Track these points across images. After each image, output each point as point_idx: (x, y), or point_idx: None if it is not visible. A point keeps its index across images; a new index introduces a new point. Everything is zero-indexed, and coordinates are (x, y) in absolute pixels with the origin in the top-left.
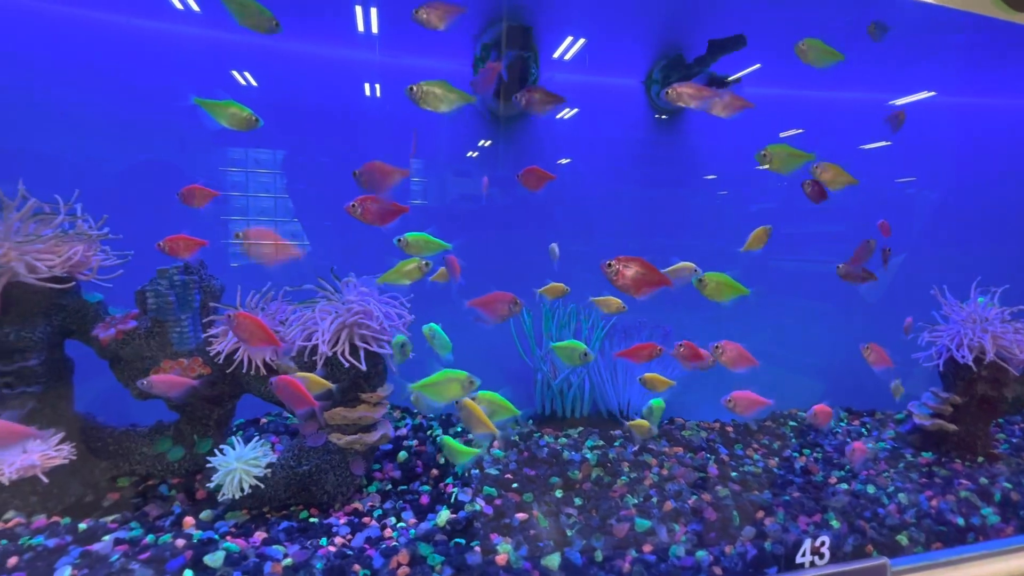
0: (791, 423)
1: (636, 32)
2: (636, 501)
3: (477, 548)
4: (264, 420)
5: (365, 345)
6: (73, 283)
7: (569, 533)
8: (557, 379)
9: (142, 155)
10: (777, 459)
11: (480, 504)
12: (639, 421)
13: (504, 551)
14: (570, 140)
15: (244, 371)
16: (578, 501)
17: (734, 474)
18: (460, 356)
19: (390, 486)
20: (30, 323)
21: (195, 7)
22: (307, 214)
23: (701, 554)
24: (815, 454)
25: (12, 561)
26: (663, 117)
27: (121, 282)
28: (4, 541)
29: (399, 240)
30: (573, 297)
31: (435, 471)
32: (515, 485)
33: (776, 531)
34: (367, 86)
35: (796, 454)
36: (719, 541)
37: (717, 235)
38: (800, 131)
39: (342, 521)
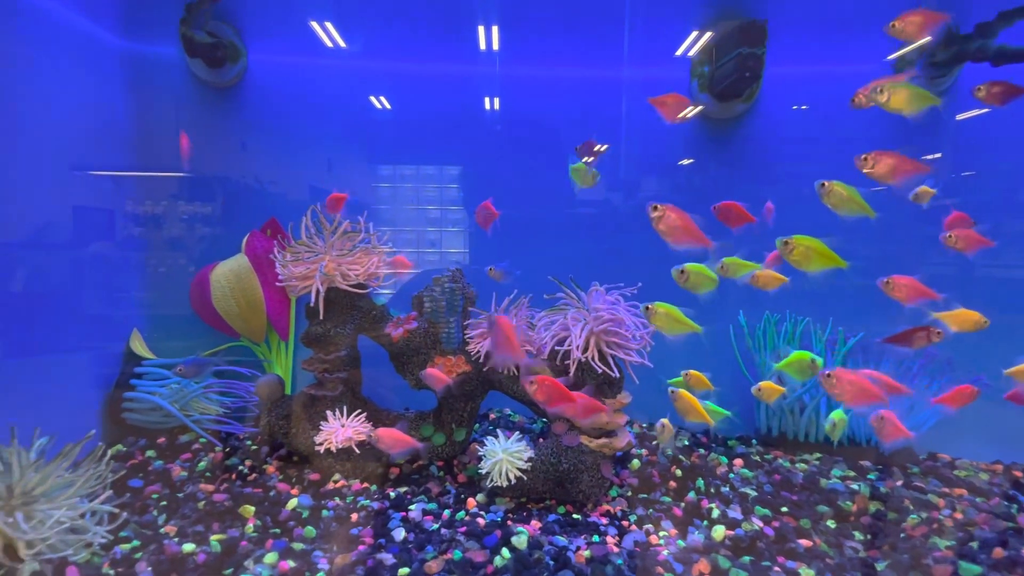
0: None
1: (884, 7)
2: (949, 543)
3: (777, 568)
4: (493, 415)
5: (613, 352)
6: (368, 289)
7: (880, 567)
8: (788, 398)
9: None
10: None
11: (758, 524)
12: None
13: (807, 575)
14: (799, 138)
15: (499, 370)
16: (857, 535)
17: None
18: (677, 369)
19: (629, 492)
20: (341, 321)
21: (342, 43)
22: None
23: None
24: None
25: (354, 517)
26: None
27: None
28: (336, 498)
29: (680, 271)
30: (800, 309)
31: (673, 483)
32: (784, 509)
33: None
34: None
35: None
36: None
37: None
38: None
39: (604, 522)
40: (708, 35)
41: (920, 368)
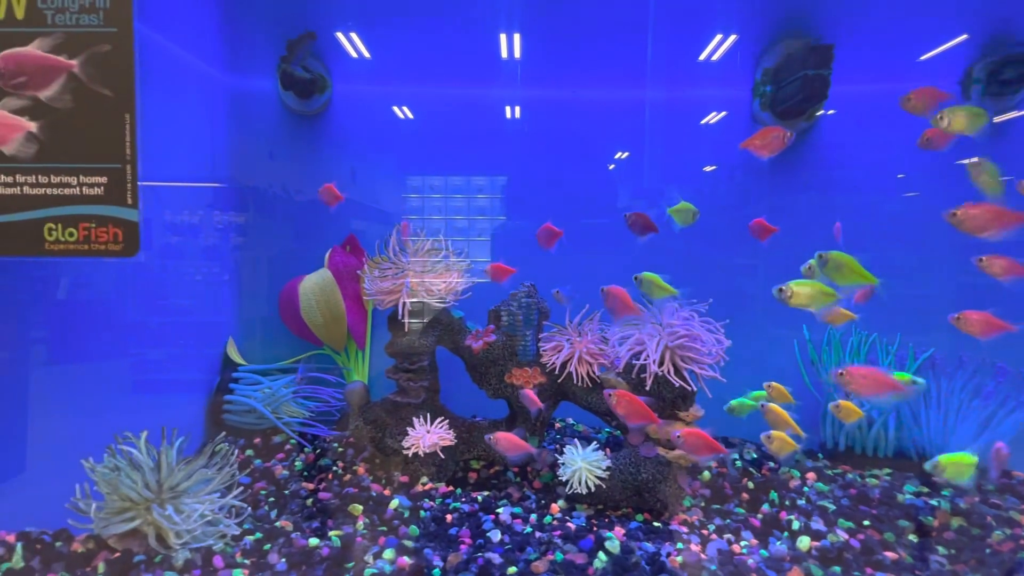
0: None
1: (953, 27)
2: None
3: None
4: (558, 424)
5: (687, 366)
6: (448, 303)
7: None
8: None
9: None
10: None
11: (843, 536)
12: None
13: None
14: (861, 151)
15: (573, 382)
16: (941, 549)
17: None
18: (743, 381)
19: (703, 503)
20: (423, 333)
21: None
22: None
23: None
24: None
25: (449, 518)
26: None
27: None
28: (426, 499)
29: (782, 290)
30: (864, 323)
31: (745, 495)
32: (866, 523)
33: None
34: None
35: None
36: None
37: None
38: None
39: (684, 530)
40: (733, 38)
41: (996, 385)
